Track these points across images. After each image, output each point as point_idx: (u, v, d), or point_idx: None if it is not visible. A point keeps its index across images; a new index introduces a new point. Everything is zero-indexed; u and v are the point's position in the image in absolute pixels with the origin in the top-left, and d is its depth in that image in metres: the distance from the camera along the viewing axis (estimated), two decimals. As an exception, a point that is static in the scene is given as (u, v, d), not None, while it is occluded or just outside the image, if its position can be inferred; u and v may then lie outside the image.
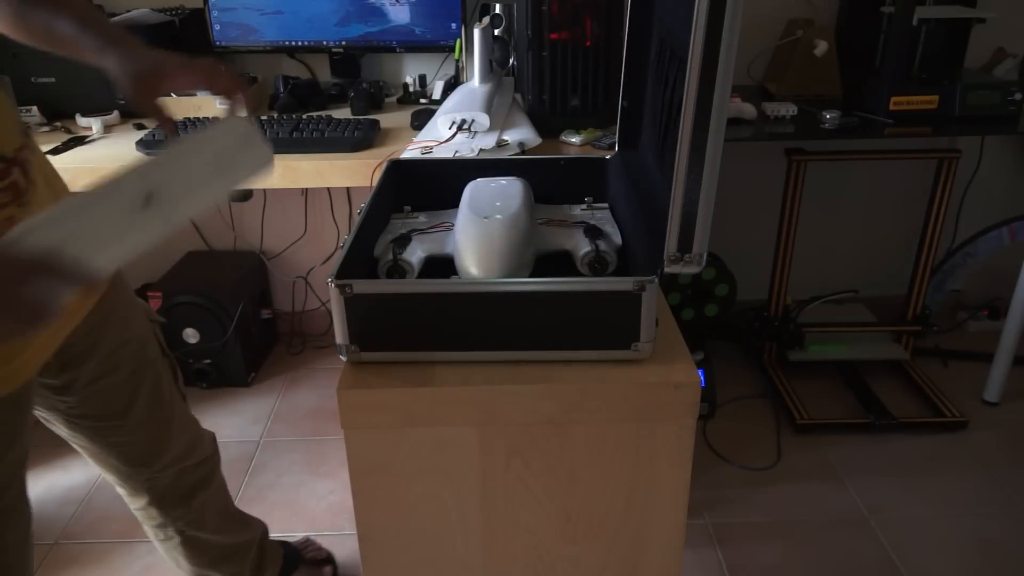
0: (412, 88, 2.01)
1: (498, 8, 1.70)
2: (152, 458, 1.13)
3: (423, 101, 1.96)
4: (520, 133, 1.53)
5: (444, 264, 0.97)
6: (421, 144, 1.48)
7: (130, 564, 1.65)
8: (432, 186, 1.17)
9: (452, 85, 1.90)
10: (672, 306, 1.39)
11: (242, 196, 2.18)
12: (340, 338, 0.85)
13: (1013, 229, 2.24)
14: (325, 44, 1.91)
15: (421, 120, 1.67)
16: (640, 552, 0.93)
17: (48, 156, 0.96)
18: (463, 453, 0.86)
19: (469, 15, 1.91)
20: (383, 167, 1.17)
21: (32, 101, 1.79)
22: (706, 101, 0.73)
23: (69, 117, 1.78)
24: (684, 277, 2.18)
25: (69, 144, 1.64)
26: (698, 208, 0.78)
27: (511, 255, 0.91)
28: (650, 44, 1.09)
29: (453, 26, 1.87)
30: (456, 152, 1.43)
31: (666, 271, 0.81)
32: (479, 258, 0.90)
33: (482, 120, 1.50)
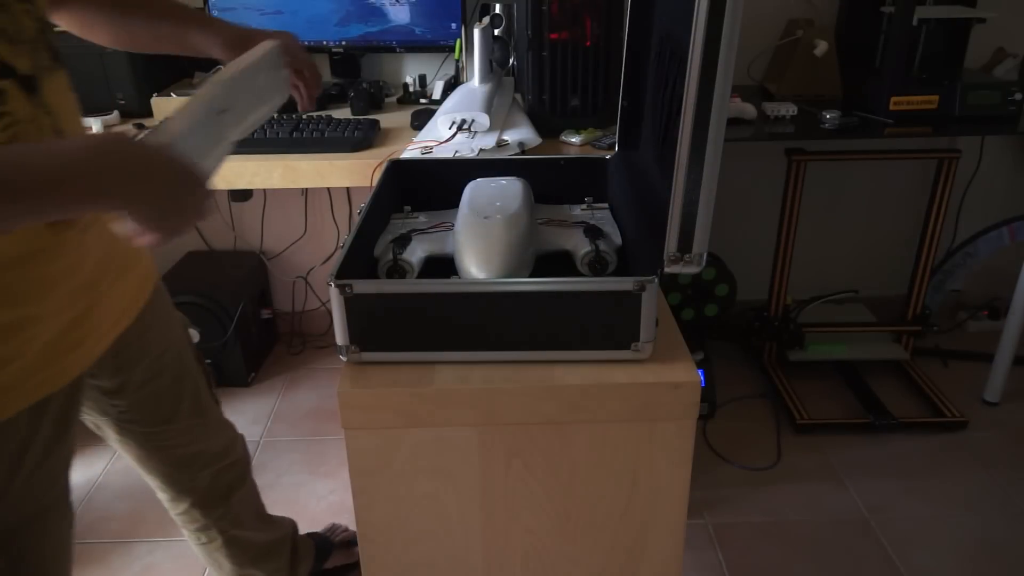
0: (412, 88, 2.01)
1: (498, 8, 1.70)
2: (193, 461, 1.16)
3: (423, 101, 1.96)
4: (520, 133, 1.53)
5: (444, 264, 0.97)
6: (421, 144, 1.48)
7: (130, 564, 1.66)
8: (432, 186, 1.17)
9: (452, 85, 1.90)
10: (672, 306, 1.39)
11: (242, 196, 2.19)
12: (340, 338, 0.85)
13: (1013, 229, 2.24)
14: (325, 44, 1.91)
15: (421, 120, 1.66)
16: (640, 552, 0.93)
17: None
18: (463, 453, 0.86)
19: (469, 15, 1.91)
20: (383, 167, 1.17)
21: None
22: (706, 101, 0.73)
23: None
24: (684, 277, 2.18)
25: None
26: (698, 208, 0.78)
27: (511, 255, 0.91)
28: (650, 44, 1.09)
29: (453, 26, 1.87)
30: (456, 152, 1.43)
31: (666, 271, 0.81)
32: (479, 258, 0.90)
33: (482, 120, 1.50)
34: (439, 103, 1.74)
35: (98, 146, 0.65)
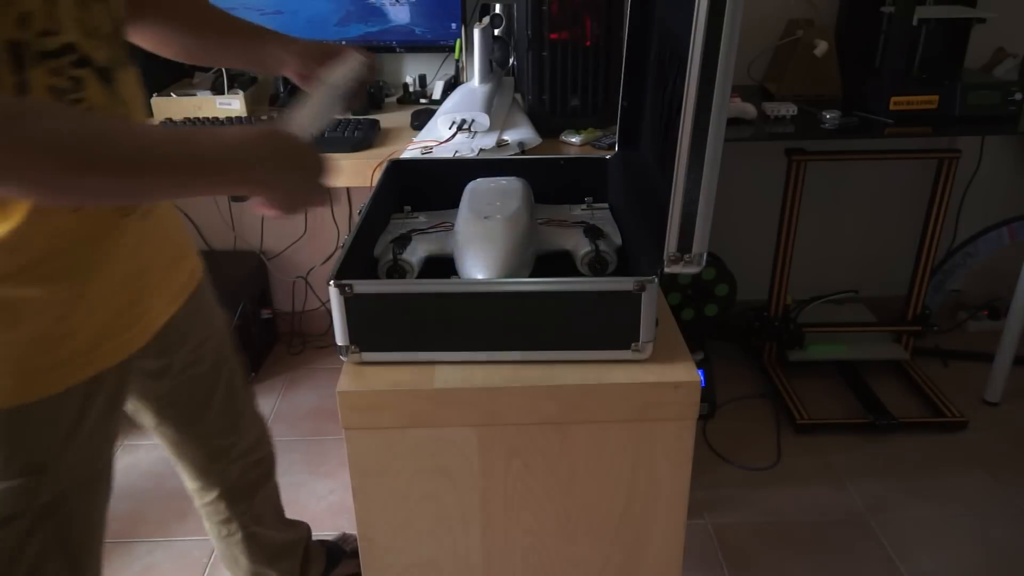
0: (412, 88, 2.01)
1: (498, 8, 1.70)
2: (227, 449, 1.19)
3: (423, 101, 1.96)
4: (520, 133, 1.53)
5: (444, 264, 0.97)
6: (421, 144, 1.48)
7: (130, 564, 1.66)
8: (432, 186, 1.17)
9: (452, 85, 1.90)
10: (672, 306, 1.39)
11: (242, 196, 2.18)
12: (340, 338, 0.85)
13: (1013, 229, 2.24)
14: (325, 44, 1.91)
15: (421, 120, 1.67)
16: (640, 552, 0.93)
17: None
18: (463, 453, 0.86)
19: (469, 15, 1.91)
20: (383, 167, 1.17)
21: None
22: (706, 101, 0.73)
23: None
24: (684, 277, 2.18)
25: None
26: (698, 208, 0.78)
27: (511, 255, 0.91)
28: (650, 44, 1.09)
29: (453, 26, 1.87)
30: (456, 152, 1.43)
31: (666, 271, 0.81)
32: (479, 258, 0.90)
33: (482, 120, 1.50)
34: (439, 103, 1.74)
35: (258, 136, 0.74)
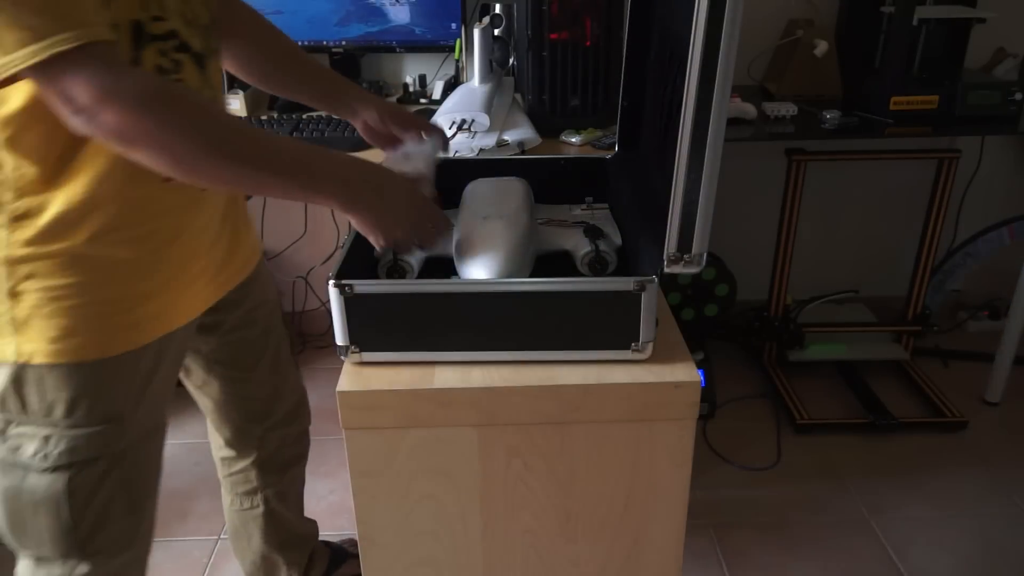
0: (412, 88, 2.01)
1: (498, 8, 1.70)
2: (267, 414, 1.24)
3: (423, 101, 1.96)
4: (520, 133, 1.53)
5: (444, 264, 0.97)
6: (421, 144, 1.48)
7: (130, 564, 1.65)
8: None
9: (452, 85, 1.90)
10: (672, 306, 1.39)
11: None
12: (340, 338, 0.85)
13: (1013, 229, 2.24)
14: (325, 44, 1.91)
15: (421, 120, 1.66)
16: (640, 552, 0.93)
17: None
18: (463, 453, 0.86)
19: (469, 15, 1.91)
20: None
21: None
22: (706, 101, 0.73)
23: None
24: (684, 277, 2.18)
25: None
26: (698, 208, 0.78)
27: (511, 255, 0.91)
28: (650, 44, 1.09)
29: (453, 26, 1.87)
30: (456, 152, 1.43)
31: (666, 271, 0.81)
32: (479, 258, 0.90)
33: (482, 120, 1.50)
34: (439, 103, 1.74)
35: (366, 163, 0.85)
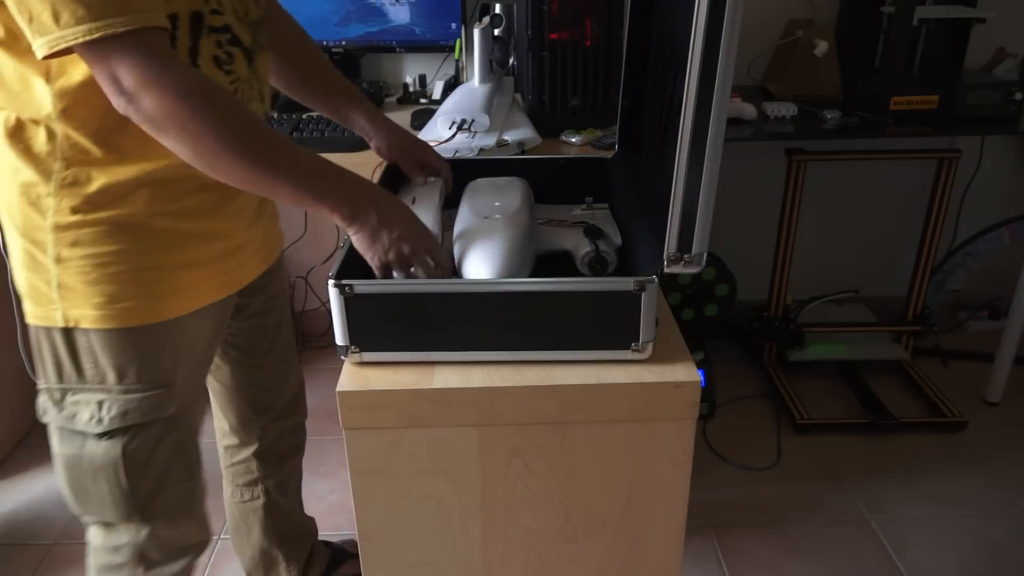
0: (412, 88, 2.01)
1: (498, 8, 1.70)
2: (271, 405, 1.26)
3: (423, 101, 1.96)
4: (520, 133, 1.53)
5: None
6: (421, 144, 1.48)
7: (130, 564, 1.65)
8: (432, 186, 1.17)
9: (452, 85, 1.90)
10: (672, 306, 1.39)
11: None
12: (340, 338, 0.85)
13: (1013, 229, 2.24)
14: (325, 44, 1.91)
15: (421, 120, 1.66)
16: (640, 552, 0.93)
17: None
18: (463, 453, 0.86)
19: (469, 15, 1.91)
20: (383, 167, 1.17)
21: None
22: (706, 101, 0.73)
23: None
24: (684, 277, 2.18)
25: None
26: (698, 208, 0.78)
27: (511, 255, 0.91)
28: (650, 44, 1.09)
29: (453, 26, 1.87)
30: (456, 152, 1.43)
31: (666, 271, 0.81)
32: (479, 258, 0.90)
33: (482, 120, 1.50)
34: (439, 103, 1.74)
35: (377, 187, 0.89)
